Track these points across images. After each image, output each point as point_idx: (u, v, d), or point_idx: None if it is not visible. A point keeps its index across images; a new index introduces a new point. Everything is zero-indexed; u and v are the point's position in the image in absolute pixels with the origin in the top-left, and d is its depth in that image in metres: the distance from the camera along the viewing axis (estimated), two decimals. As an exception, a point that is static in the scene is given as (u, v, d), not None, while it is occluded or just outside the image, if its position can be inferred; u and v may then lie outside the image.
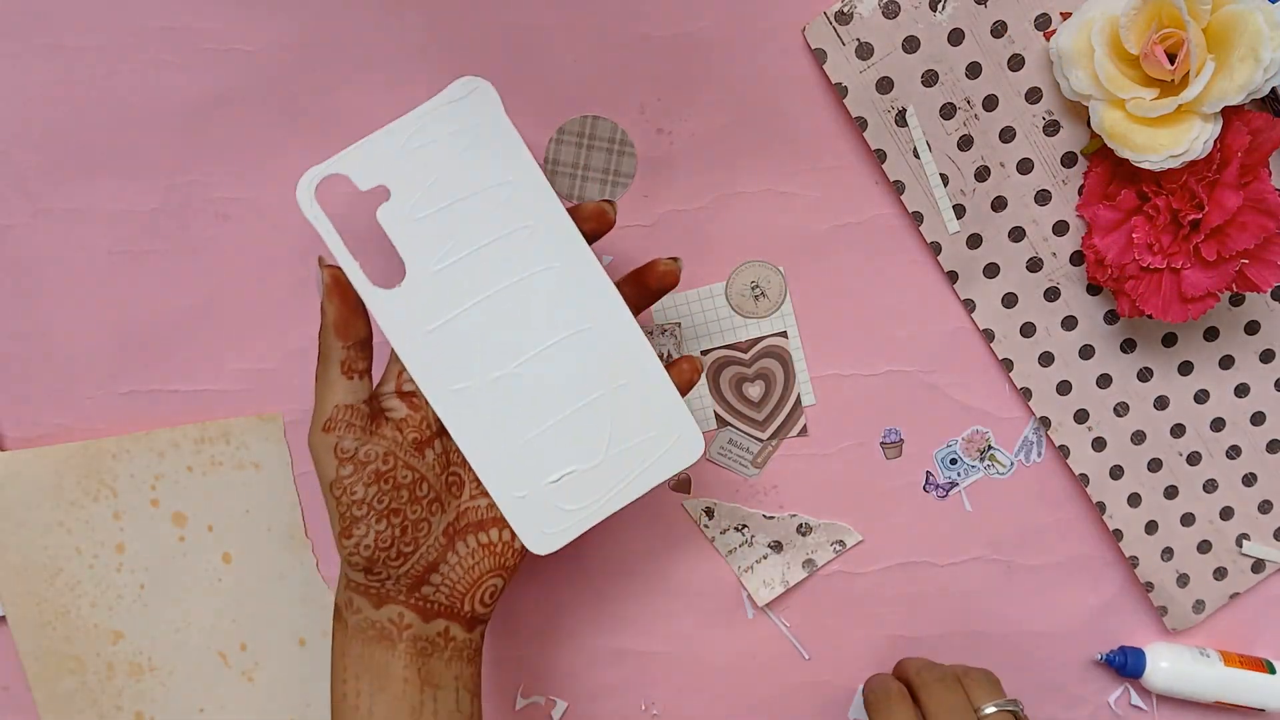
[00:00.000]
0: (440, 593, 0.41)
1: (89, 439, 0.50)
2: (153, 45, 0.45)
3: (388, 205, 0.38)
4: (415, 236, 0.39)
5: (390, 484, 0.40)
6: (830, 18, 0.45)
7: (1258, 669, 0.54)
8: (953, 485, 0.54)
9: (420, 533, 0.41)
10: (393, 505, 0.40)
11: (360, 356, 0.40)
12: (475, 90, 0.38)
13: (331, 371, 0.40)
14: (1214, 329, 0.52)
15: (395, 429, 0.40)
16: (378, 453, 0.39)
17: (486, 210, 0.39)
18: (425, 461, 0.41)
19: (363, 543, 0.40)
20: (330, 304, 0.39)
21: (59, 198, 0.47)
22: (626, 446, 0.41)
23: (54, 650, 0.51)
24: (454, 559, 0.41)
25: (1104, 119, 0.45)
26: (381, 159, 0.38)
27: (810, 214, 0.50)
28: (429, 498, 0.41)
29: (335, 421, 0.39)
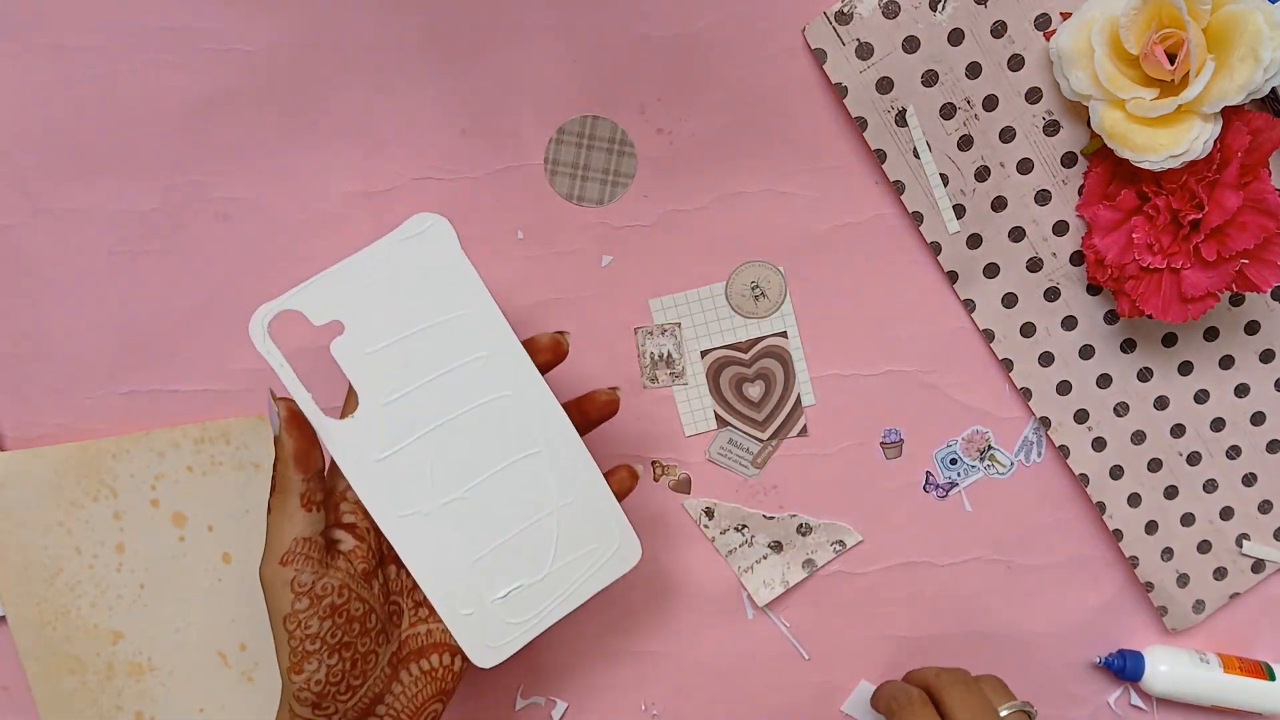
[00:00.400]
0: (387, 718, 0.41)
1: (89, 439, 0.50)
2: (153, 45, 0.45)
3: (342, 339, 0.39)
4: (369, 368, 0.39)
5: (344, 617, 0.40)
6: (830, 18, 0.45)
7: (1257, 674, 0.54)
8: (953, 485, 0.54)
9: (369, 664, 0.41)
10: (344, 639, 0.40)
11: (318, 488, 0.40)
12: (431, 226, 0.39)
13: (290, 503, 0.39)
14: (1214, 329, 0.52)
15: (347, 560, 0.40)
16: (333, 585, 0.39)
17: (440, 342, 0.40)
18: (372, 592, 0.41)
19: (313, 678, 0.39)
20: (289, 437, 0.39)
21: (59, 198, 0.47)
22: (571, 559, 0.42)
23: (54, 650, 0.51)
24: (398, 688, 0.42)
25: (1104, 119, 0.45)
26: (335, 295, 0.39)
27: (810, 214, 0.50)
28: (376, 629, 0.41)
29: (293, 554, 0.39)
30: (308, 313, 0.39)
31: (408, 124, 0.47)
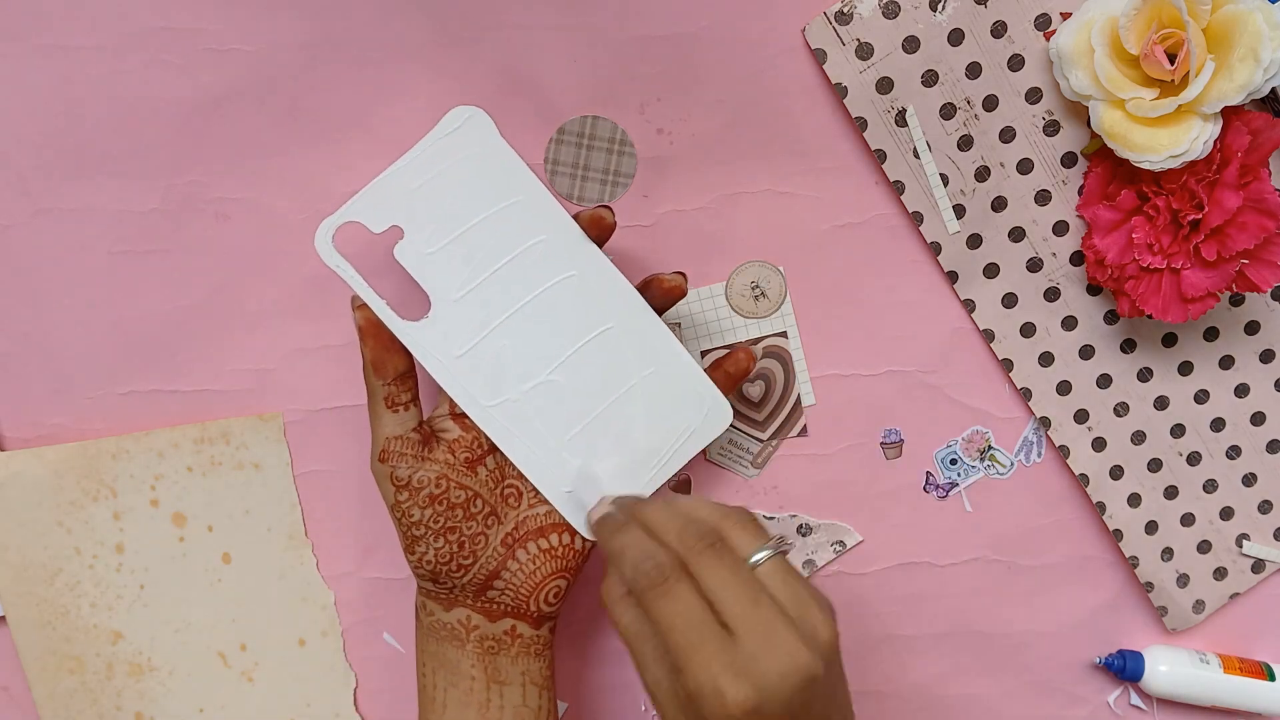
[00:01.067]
0: (505, 595, 0.44)
1: (89, 439, 0.50)
2: (153, 45, 0.45)
3: (403, 243, 0.41)
4: (434, 268, 0.41)
5: (444, 505, 0.43)
6: (830, 18, 0.45)
7: (1257, 674, 0.54)
8: (953, 485, 0.54)
9: (478, 545, 0.43)
10: (448, 524, 0.43)
11: (402, 389, 0.43)
12: (469, 119, 0.40)
13: (378, 407, 0.43)
14: (1214, 329, 0.52)
15: (448, 450, 0.43)
16: (430, 477, 0.42)
17: (497, 232, 0.41)
18: (478, 479, 0.43)
19: (424, 558, 0.43)
20: (365, 345, 0.42)
21: (59, 198, 0.47)
22: (662, 427, 0.43)
23: (54, 650, 0.51)
24: (515, 566, 0.44)
25: (1104, 119, 0.45)
26: (389, 200, 0.40)
27: (810, 214, 0.50)
28: (484, 513, 0.43)
29: (388, 453, 0.42)
30: (366, 221, 0.40)
31: (407, 124, 0.47)
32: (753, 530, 0.39)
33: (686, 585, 0.36)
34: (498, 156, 0.41)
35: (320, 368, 0.50)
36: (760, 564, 0.37)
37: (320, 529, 0.52)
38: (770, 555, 0.38)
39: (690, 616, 0.35)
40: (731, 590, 0.35)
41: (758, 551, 0.38)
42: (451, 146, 0.40)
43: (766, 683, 0.34)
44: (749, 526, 0.39)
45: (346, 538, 0.52)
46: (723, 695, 0.33)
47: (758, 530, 0.39)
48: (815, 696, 0.35)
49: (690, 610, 0.35)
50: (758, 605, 0.35)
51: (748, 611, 0.35)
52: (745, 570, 0.36)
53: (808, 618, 0.36)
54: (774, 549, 0.38)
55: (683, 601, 0.36)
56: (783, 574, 0.37)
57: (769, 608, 0.35)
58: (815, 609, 0.36)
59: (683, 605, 0.36)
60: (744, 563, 0.37)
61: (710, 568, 0.36)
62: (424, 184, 0.40)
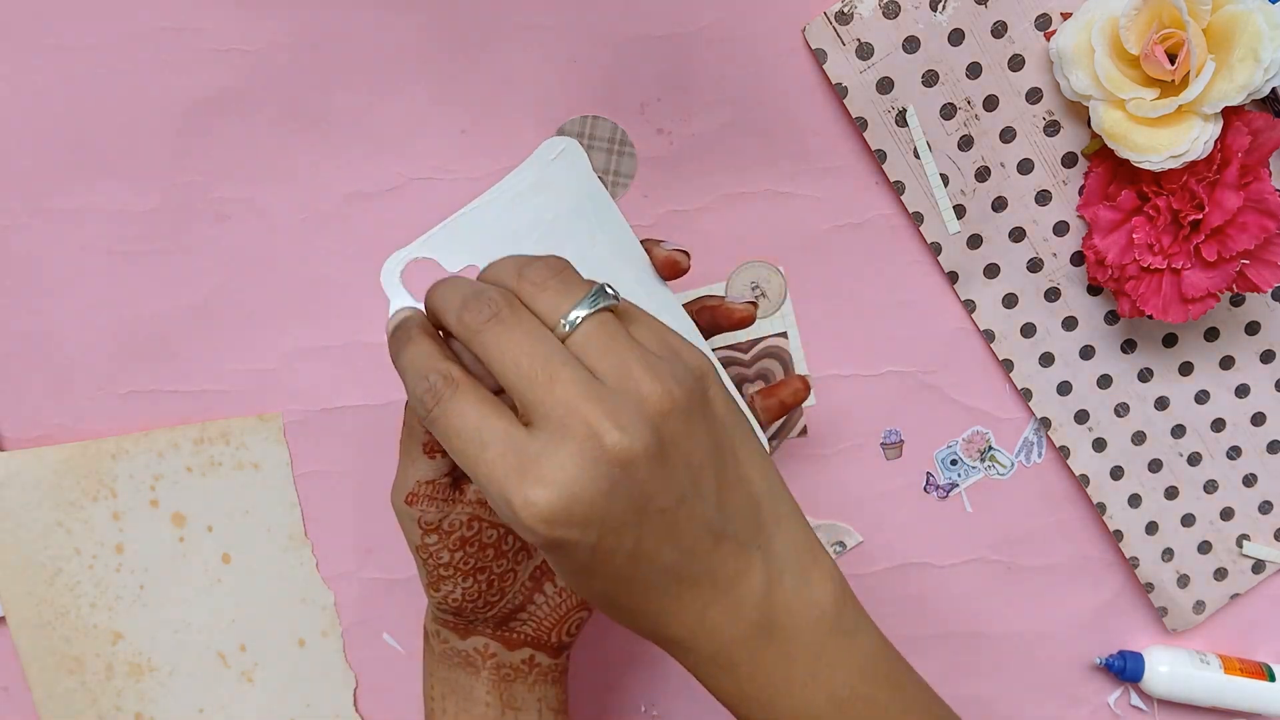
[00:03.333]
0: (527, 626, 0.42)
1: (89, 439, 0.50)
2: (153, 45, 0.45)
3: None
4: None
5: (475, 546, 0.40)
6: (830, 18, 0.45)
7: (1257, 675, 0.54)
8: (953, 486, 0.54)
9: (506, 582, 0.41)
10: (479, 564, 0.40)
11: None
12: (564, 151, 0.38)
13: (414, 449, 0.39)
14: (1214, 329, 0.52)
15: (476, 491, 0.40)
16: (461, 520, 0.39)
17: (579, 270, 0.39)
18: None
19: (450, 596, 0.40)
20: None
21: (59, 198, 0.47)
22: None
23: (54, 651, 0.51)
24: (540, 599, 0.42)
25: (1104, 119, 0.45)
26: (468, 236, 0.37)
27: (810, 214, 0.50)
28: (515, 549, 0.41)
29: (417, 496, 0.39)
30: (440, 259, 0.37)
31: (408, 124, 0.47)
32: (558, 286, 0.31)
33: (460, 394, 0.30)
34: (587, 192, 0.38)
35: (320, 368, 0.50)
36: (574, 328, 0.30)
37: (320, 529, 0.52)
38: (584, 316, 0.30)
39: (465, 426, 0.29)
40: (521, 371, 0.29)
41: (566, 313, 0.30)
42: (542, 180, 0.38)
43: (565, 479, 0.28)
44: (553, 283, 0.31)
45: (346, 538, 0.52)
46: (513, 505, 0.28)
47: (562, 287, 0.31)
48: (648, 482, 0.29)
49: (464, 420, 0.29)
50: (554, 383, 0.29)
51: (542, 394, 0.29)
52: (542, 343, 0.29)
53: (629, 387, 0.29)
54: (589, 307, 0.30)
55: (455, 414, 0.30)
56: (605, 338, 0.30)
57: (570, 385, 0.29)
58: (643, 373, 0.29)
59: (456, 419, 0.30)
60: (541, 334, 0.30)
61: (494, 347, 0.30)
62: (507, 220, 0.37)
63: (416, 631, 0.54)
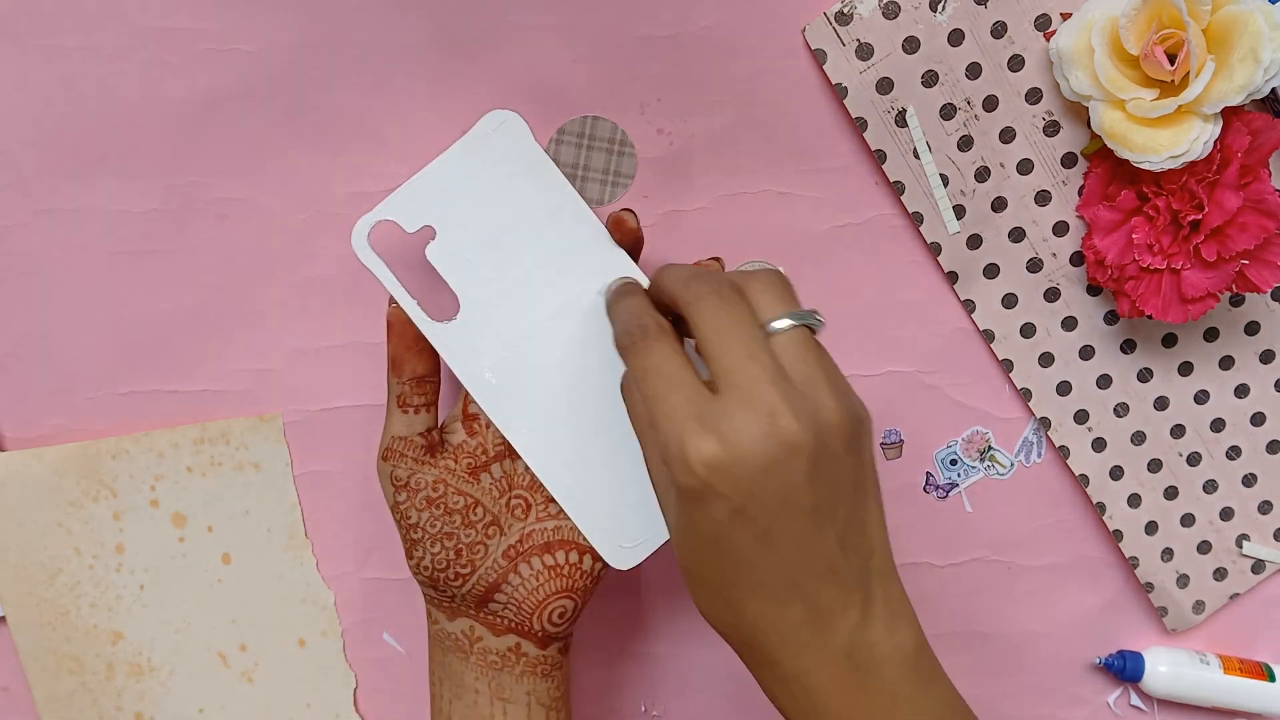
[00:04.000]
0: (508, 610, 0.42)
1: (89, 439, 0.50)
2: (153, 45, 0.45)
3: (435, 243, 0.40)
4: (465, 270, 0.40)
5: (441, 509, 0.41)
6: (830, 18, 0.46)
7: (1257, 675, 0.54)
8: (953, 486, 0.54)
9: (476, 555, 0.42)
10: (445, 529, 0.41)
11: (416, 392, 0.42)
12: (504, 123, 0.40)
13: (390, 405, 0.42)
14: (1214, 329, 0.52)
15: (450, 456, 0.42)
16: (427, 480, 0.41)
17: (529, 237, 0.41)
18: (480, 486, 0.42)
19: (421, 563, 0.42)
20: (389, 341, 0.41)
21: (59, 198, 0.47)
22: None
23: (54, 651, 0.51)
24: (516, 580, 0.42)
25: (1104, 119, 0.45)
26: (423, 200, 0.40)
27: (810, 214, 0.50)
28: (484, 521, 0.42)
29: (391, 452, 0.42)
30: (400, 220, 0.40)
31: (408, 124, 0.47)
32: (778, 294, 0.33)
33: (666, 341, 0.33)
34: (532, 161, 0.40)
35: (320, 368, 0.50)
36: (780, 331, 0.32)
37: (320, 529, 0.52)
38: (792, 325, 0.32)
39: (664, 368, 0.32)
40: (726, 342, 0.31)
41: (778, 317, 0.32)
42: (486, 149, 0.40)
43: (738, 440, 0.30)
44: (775, 289, 0.34)
45: (346, 538, 0.52)
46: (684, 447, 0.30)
47: (784, 295, 0.34)
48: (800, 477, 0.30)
49: (664, 362, 0.32)
50: (751, 361, 0.31)
51: (738, 366, 0.31)
52: (751, 327, 0.32)
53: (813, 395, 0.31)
54: (798, 320, 0.33)
55: (657, 355, 0.32)
56: (803, 349, 0.32)
57: (766, 368, 0.31)
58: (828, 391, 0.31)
59: (657, 358, 0.32)
60: (753, 321, 0.32)
61: (709, 316, 0.32)
62: (458, 185, 0.40)
63: (416, 631, 0.54)
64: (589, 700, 0.55)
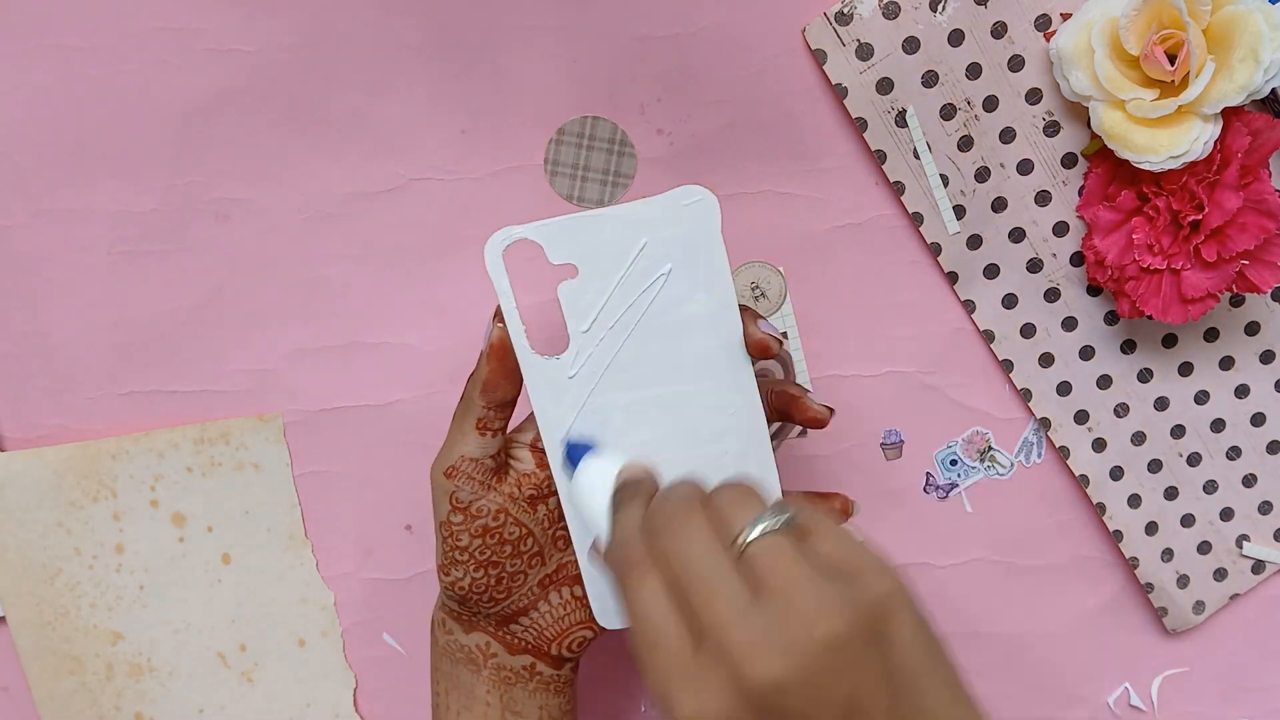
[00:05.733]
0: (528, 633, 0.42)
1: (89, 439, 0.50)
2: (153, 45, 0.45)
3: (571, 283, 0.38)
4: (589, 318, 0.39)
5: (496, 539, 0.41)
6: (830, 18, 0.45)
7: None
8: (953, 486, 0.54)
9: (515, 582, 0.42)
10: (493, 558, 0.41)
11: (498, 416, 0.40)
12: (699, 201, 0.38)
13: (467, 423, 0.40)
14: (1214, 330, 0.52)
15: (514, 484, 0.41)
16: (490, 509, 0.40)
17: (668, 316, 0.39)
18: (536, 517, 0.41)
19: (458, 583, 0.41)
20: (486, 363, 0.39)
21: (59, 198, 0.47)
22: None
23: (53, 651, 0.51)
24: (545, 607, 0.42)
25: (1104, 120, 0.45)
26: (579, 238, 0.38)
27: (810, 215, 0.50)
28: (531, 552, 0.42)
29: (457, 471, 0.40)
30: (546, 248, 0.38)
31: (408, 124, 0.47)
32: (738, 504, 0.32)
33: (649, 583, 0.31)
34: (707, 247, 0.39)
35: (320, 368, 0.50)
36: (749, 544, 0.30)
37: (320, 529, 0.52)
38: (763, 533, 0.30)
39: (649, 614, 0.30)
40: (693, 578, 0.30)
41: (745, 528, 0.31)
42: (669, 218, 0.38)
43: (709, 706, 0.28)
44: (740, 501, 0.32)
45: (346, 538, 0.52)
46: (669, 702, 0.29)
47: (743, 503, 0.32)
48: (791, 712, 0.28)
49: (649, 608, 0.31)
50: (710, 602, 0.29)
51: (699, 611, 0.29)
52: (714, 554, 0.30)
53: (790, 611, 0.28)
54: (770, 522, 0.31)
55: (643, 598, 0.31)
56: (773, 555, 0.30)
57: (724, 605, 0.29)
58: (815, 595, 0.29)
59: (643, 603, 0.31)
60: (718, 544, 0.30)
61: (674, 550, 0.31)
62: (622, 239, 0.38)
63: (416, 631, 0.54)
64: (589, 700, 0.55)
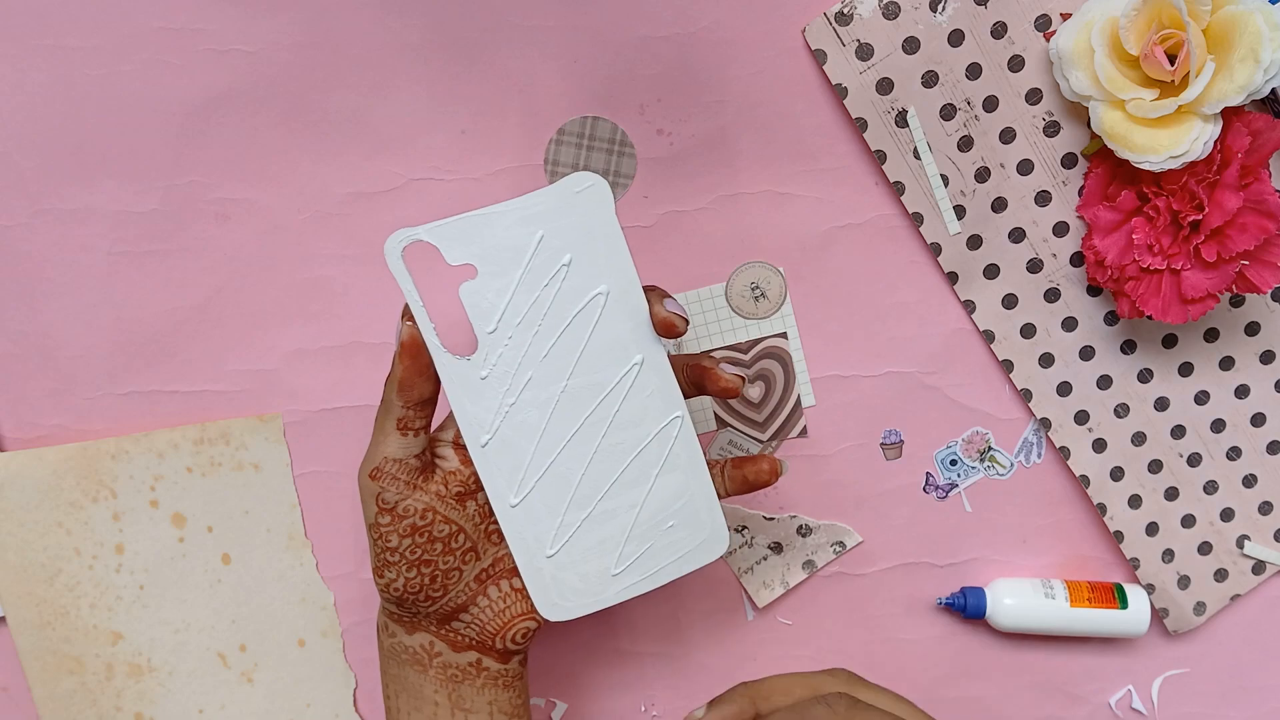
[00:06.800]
0: (471, 629, 0.42)
1: (88, 440, 0.50)
2: (153, 45, 0.45)
3: (473, 283, 0.39)
4: (493, 317, 0.39)
5: (425, 537, 0.41)
6: (830, 18, 0.46)
7: (1108, 599, 0.53)
8: (953, 486, 0.54)
9: (450, 580, 0.42)
10: (424, 556, 0.41)
11: (418, 415, 0.40)
12: (590, 186, 0.38)
13: (388, 424, 0.40)
14: (1214, 330, 0.52)
15: (441, 482, 0.41)
16: (416, 508, 0.40)
17: (572, 306, 0.39)
18: (465, 513, 0.41)
19: (393, 585, 0.41)
20: (400, 362, 0.39)
21: (59, 198, 0.47)
22: (656, 537, 0.42)
23: (53, 651, 0.51)
24: (484, 602, 0.42)
25: (1104, 120, 0.45)
26: (475, 236, 0.38)
27: (810, 215, 0.50)
28: (464, 548, 0.42)
29: (381, 473, 0.40)
30: (444, 249, 0.38)
31: (408, 124, 0.47)
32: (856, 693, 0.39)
33: None
34: (605, 233, 0.39)
35: (320, 368, 0.50)
36: None
37: (320, 530, 0.52)
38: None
39: None
40: None
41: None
42: (562, 206, 0.38)
43: None
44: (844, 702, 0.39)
45: (346, 538, 0.52)
46: None
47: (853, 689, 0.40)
48: None
49: None
50: None
51: None
52: None
53: None
54: None
55: None
56: None
57: None
58: None
59: None
60: None
61: None
62: (518, 235, 0.38)
63: (416, 632, 0.54)
64: (589, 700, 0.55)
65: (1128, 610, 0.53)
